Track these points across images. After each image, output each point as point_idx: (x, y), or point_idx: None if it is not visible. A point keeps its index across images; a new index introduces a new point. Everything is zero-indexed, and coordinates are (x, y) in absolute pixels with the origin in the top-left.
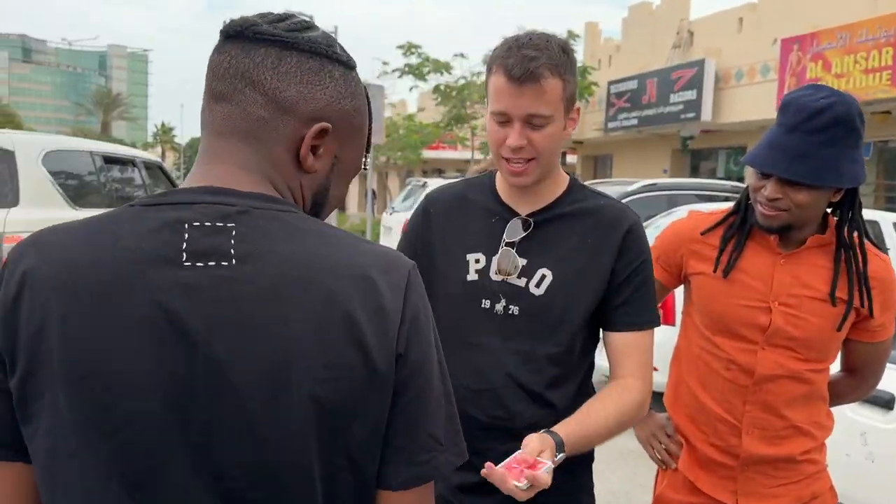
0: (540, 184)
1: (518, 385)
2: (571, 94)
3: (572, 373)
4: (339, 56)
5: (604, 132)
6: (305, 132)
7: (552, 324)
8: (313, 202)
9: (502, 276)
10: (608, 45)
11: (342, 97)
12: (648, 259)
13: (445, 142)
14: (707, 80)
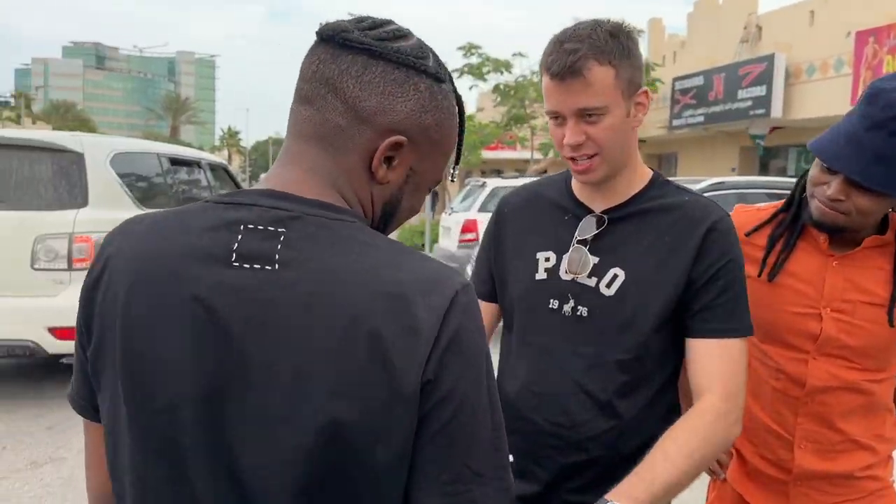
0: (614, 179)
1: (584, 392)
2: (629, 78)
3: (643, 382)
4: (429, 68)
5: (668, 130)
6: (380, 143)
7: (622, 327)
8: (383, 212)
9: (572, 275)
10: (672, 41)
11: (424, 111)
12: (737, 259)
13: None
14: (777, 76)
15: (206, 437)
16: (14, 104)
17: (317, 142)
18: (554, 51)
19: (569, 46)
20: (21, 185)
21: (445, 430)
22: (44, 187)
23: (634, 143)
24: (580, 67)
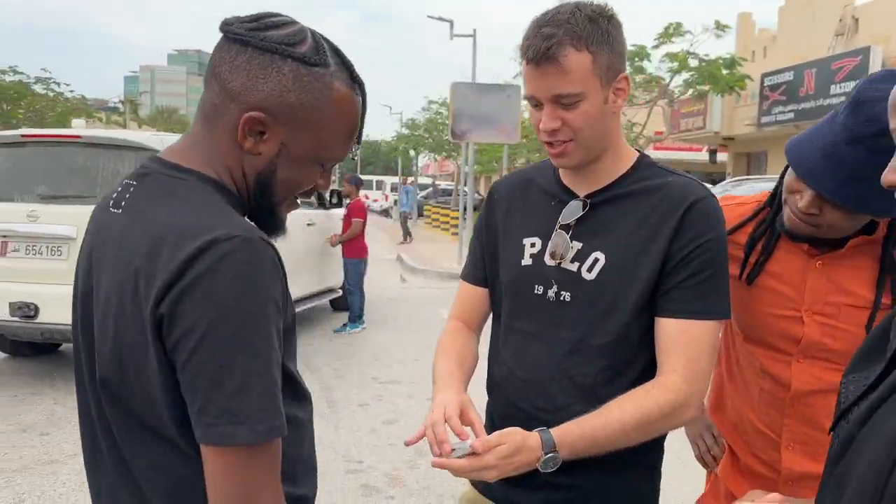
0: (596, 163)
1: (567, 377)
2: (608, 64)
3: (626, 367)
4: (295, 54)
5: (756, 128)
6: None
7: (603, 311)
8: (257, 181)
9: (555, 260)
10: (763, 36)
11: (286, 90)
12: (716, 239)
13: None
14: (873, 69)
15: (83, 323)
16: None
17: (202, 119)
18: (531, 35)
19: (546, 31)
20: (107, 181)
21: (189, 365)
22: None
23: (616, 128)
24: (556, 53)
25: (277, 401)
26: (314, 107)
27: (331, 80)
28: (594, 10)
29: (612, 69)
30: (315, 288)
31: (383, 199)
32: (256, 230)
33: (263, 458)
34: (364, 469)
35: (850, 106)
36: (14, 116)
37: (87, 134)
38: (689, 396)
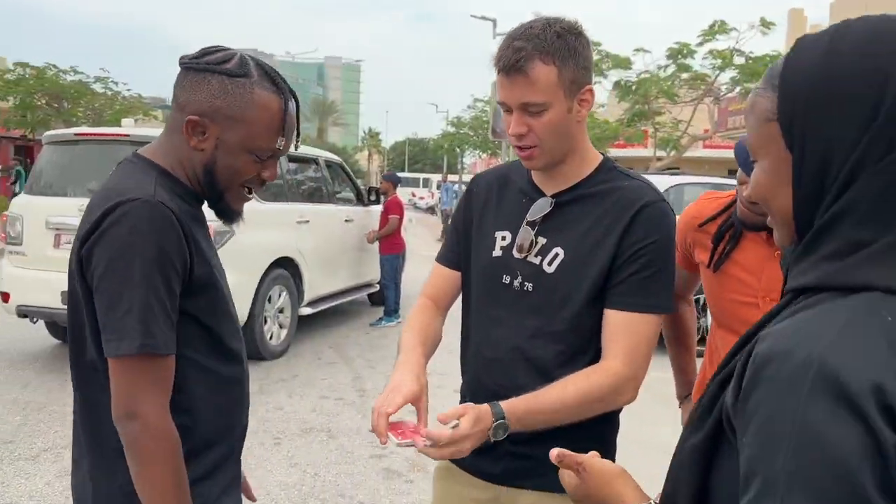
0: (562, 165)
1: (525, 358)
2: (573, 78)
3: (579, 352)
4: (222, 69)
5: None
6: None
7: (559, 301)
8: (204, 171)
9: (522, 253)
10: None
11: (214, 98)
12: (662, 241)
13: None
14: None
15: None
16: None
17: (165, 128)
18: (504, 47)
19: (517, 44)
20: None
21: (96, 295)
22: None
23: (579, 134)
24: (524, 66)
25: (154, 325)
26: (239, 107)
27: (252, 87)
28: (563, 27)
29: (577, 82)
30: (353, 282)
31: (429, 196)
32: (162, 197)
33: (144, 372)
34: (387, 454)
35: None
36: (74, 114)
37: (136, 133)
38: (627, 381)
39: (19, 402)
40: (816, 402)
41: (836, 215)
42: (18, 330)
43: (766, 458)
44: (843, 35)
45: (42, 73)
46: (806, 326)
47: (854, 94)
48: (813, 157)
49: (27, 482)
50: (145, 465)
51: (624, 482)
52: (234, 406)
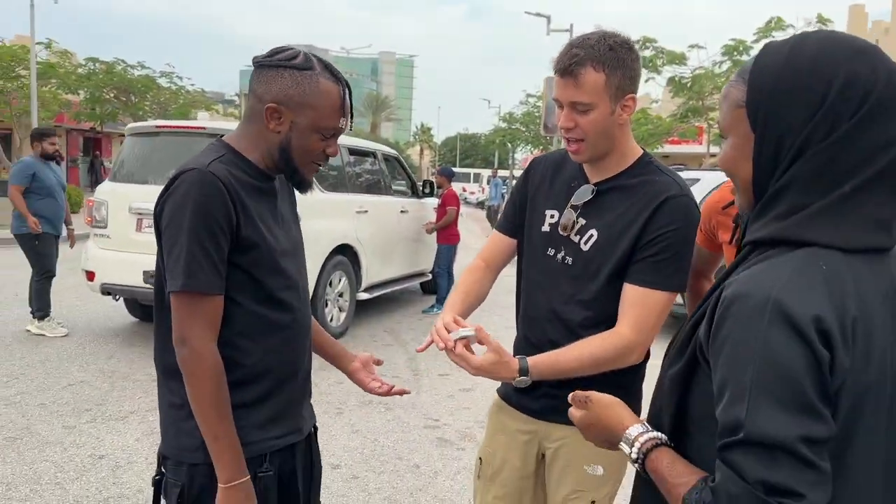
0: (605, 158)
1: (558, 319)
2: (618, 85)
3: (603, 319)
4: (290, 64)
5: None
6: (264, 109)
7: (590, 275)
8: (280, 149)
9: (565, 231)
10: (876, 28)
11: (287, 88)
12: (681, 230)
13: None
14: None
15: None
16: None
17: (244, 117)
18: (564, 52)
19: (574, 51)
20: None
21: (162, 245)
22: None
23: (621, 133)
24: (576, 70)
25: (197, 268)
26: (307, 95)
27: (317, 78)
28: (616, 41)
29: (622, 89)
30: (407, 270)
31: (480, 191)
32: (216, 167)
33: (191, 306)
34: (440, 426)
35: None
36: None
37: (211, 125)
38: (635, 345)
39: (105, 371)
40: (772, 331)
41: (785, 184)
42: (102, 307)
43: (736, 374)
44: (803, 43)
45: (111, 68)
46: (762, 274)
47: (807, 88)
48: (771, 137)
49: (119, 438)
50: (191, 382)
51: (622, 408)
52: (281, 347)
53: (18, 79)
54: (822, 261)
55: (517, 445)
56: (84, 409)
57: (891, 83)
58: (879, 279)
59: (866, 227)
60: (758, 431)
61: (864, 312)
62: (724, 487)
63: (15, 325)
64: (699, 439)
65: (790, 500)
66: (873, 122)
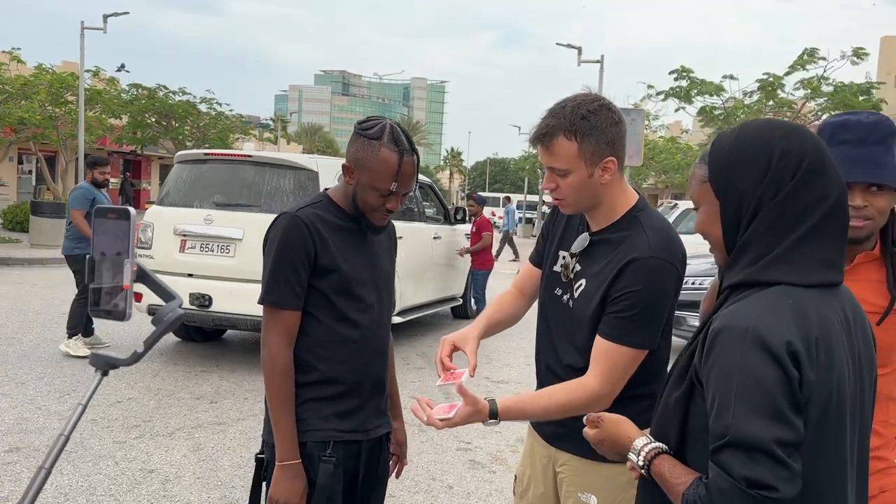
0: (595, 210)
1: (556, 356)
2: (593, 150)
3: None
4: (364, 133)
5: None
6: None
7: (579, 321)
8: (352, 199)
9: (566, 276)
10: None
11: (357, 152)
12: (643, 291)
13: None
14: None
15: None
16: (273, 126)
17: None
18: (539, 121)
19: (546, 120)
20: (270, 194)
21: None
22: (286, 196)
23: (606, 190)
24: (548, 139)
25: (274, 287)
26: (368, 159)
27: (379, 147)
28: (591, 108)
29: (598, 154)
30: (439, 295)
31: None
32: (303, 210)
33: (269, 317)
34: (472, 448)
35: (833, 131)
36: (181, 132)
37: (257, 154)
38: (601, 397)
39: (152, 389)
40: (751, 354)
41: (748, 238)
42: (148, 327)
43: (723, 390)
44: (744, 129)
45: (153, 94)
46: (742, 310)
47: (754, 160)
48: (732, 202)
49: (167, 453)
50: (266, 376)
51: (629, 425)
52: (349, 358)
53: (66, 104)
54: (789, 296)
55: (539, 467)
56: (133, 425)
57: (818, 151)
58: (833, 307)
59: (817, 267)
60: (740, 434)
61: (824, 335)
62: (715, 483)
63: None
64: (697, 448)
65: (767, 492)
66: (809, 182)
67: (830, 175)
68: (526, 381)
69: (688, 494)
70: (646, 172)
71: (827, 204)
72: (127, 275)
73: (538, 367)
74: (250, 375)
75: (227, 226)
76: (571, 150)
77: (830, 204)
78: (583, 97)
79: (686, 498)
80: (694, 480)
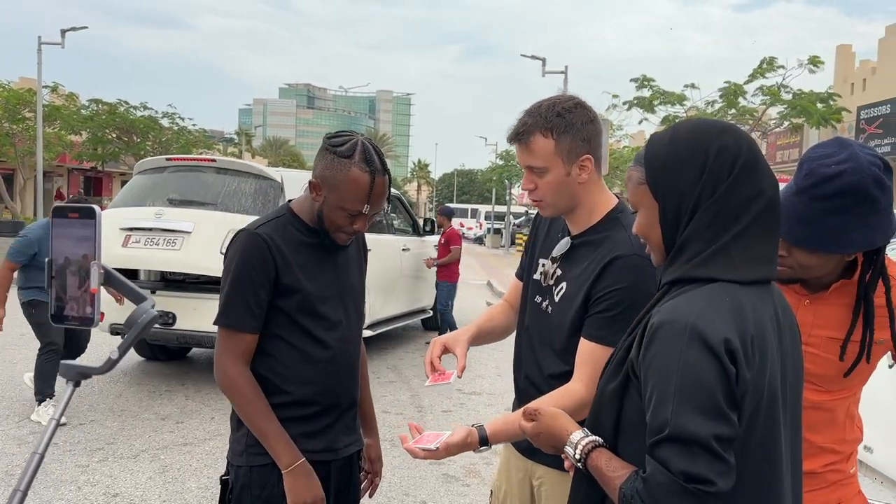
0: (574, 213)
1: (537, 364)
2: (570, 148)
3: (571, 370)
4: (333, 150)
5: None
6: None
7: (559, 325)
8: (318, 216)
9: (546, 282)
10: (864, 68)
11: (325, 169)
12: (628, 289)
13: None
14: None
15: None
16: (237, 141)
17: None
18: (516, 120)
19: (523, 119)
20: (229, 196)
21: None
22: (246, 199)
23: (584, 191)
24: (525, 138)
25: (231, 309)
26: (337, 178)
27: (350, 166)
28: (566, 106)
29: (574, 152)
30: (409, 307)
31: (478, 227)
32: (263, 227)
33: (223, 339)
34: (445, 463)
35: (798, 166)
36: (142, 148)
37: (221, 159)
38: (587, 401)
39: (115, 410)
40: (691, 350)
41: (687, 236)
42: (109, 346)
43: (662, 385)
44: (678, 130)
45: (114, 109)
46: (681, 305)
47: (690, 160)
48: (671, 202)
49: (132, 476)
50: (230, 397)
51: (565, 418)
52: (319, 378)
53: (24, 121)
54: (727, 294)
55: (515, 481)
56: (96, 447)
57: (751, 150)
58: (767, 305)
59: (754, 263)
60: (679, 429)
61: (759, 332)
62: (653, 477)
63: (24, 364)
64: (631, 440)
65: (704, 486)
66: (744, 179)
67: (764, 171)
68: (497, 391)
69: (625, 488)
70: (611, 182)
71: (762, 200)
72: (95, 278)
73: (517, 376)
74: (217, 394)
75: (177, 219)
76: (548, 147)
77: (765, 200)
78: (558, 97)
79: (623, 491)
80: (631, 474)
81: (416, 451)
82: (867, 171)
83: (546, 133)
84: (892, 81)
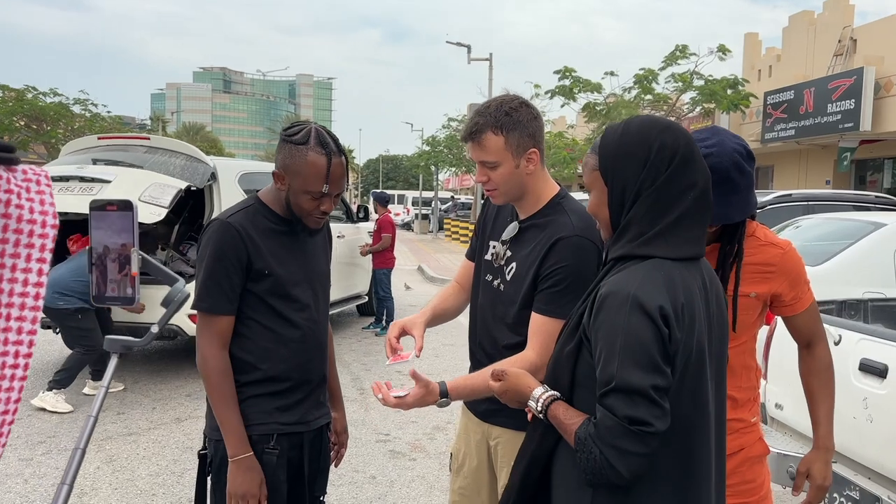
0: (522, 200)
1: (491, 336)
2: (518, 143)
3: (523, 340)
4: (290, 139)
5: (761, 143)
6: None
7: (511, 300)
8: (286, 204)
9: (497, 262)
10: (770, 55)
11: (286, 158)
12: (570, 266)
13: None
14: (866, 89)
15: None
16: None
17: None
18: (468, 120)
19: (474, 119)
20: (154, 167)
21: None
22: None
23: (530, 182)
24: (478, 135)
25: (206, 294)
26: (297, 164)
27: (307, 151)
28: (512, 106)
29: (522, 146)
30: (344, 294)
31: (405, 212)
32: (235, 217)
33: (202, 322)
34: (391, 439)
35: None
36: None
37: (156, 138)
38: (540, 368)
39: None
40: (632, 316)
41: (630, 219)
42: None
43: (609, 345)
44: (630, 125)
45: (21, 96)
46: (624, 279)
47: (635, 153)
48: (617, 188)
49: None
50: (203, 378)
51: (528, 377)
52: (291, 356)
53: None
54: (661, 268)
55: (473, 444)
56: (37, 441)
57: (688, 146)
58: (696, 277)
59: (686, 243)
60: (623, 382)
61: (688, 300)
62: (602, 422)
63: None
64: (583, 394)
65: (645, 427)
66: (680, 172)
67: (698, 166)
68: (435, 373)
69: (579, 432)
70: None
71: (695, 191)
72: (135, 263)
73: (472, 347)
74: (156, 385)
75: (99, 173)
76: (499, 143)
77: (698, 191)
78: (504, 97)
79: (578, 435)
80: (584, 421)
81: (388, 398)
82: (729, 156)
83: (496, 131)
84: (795, 68)
